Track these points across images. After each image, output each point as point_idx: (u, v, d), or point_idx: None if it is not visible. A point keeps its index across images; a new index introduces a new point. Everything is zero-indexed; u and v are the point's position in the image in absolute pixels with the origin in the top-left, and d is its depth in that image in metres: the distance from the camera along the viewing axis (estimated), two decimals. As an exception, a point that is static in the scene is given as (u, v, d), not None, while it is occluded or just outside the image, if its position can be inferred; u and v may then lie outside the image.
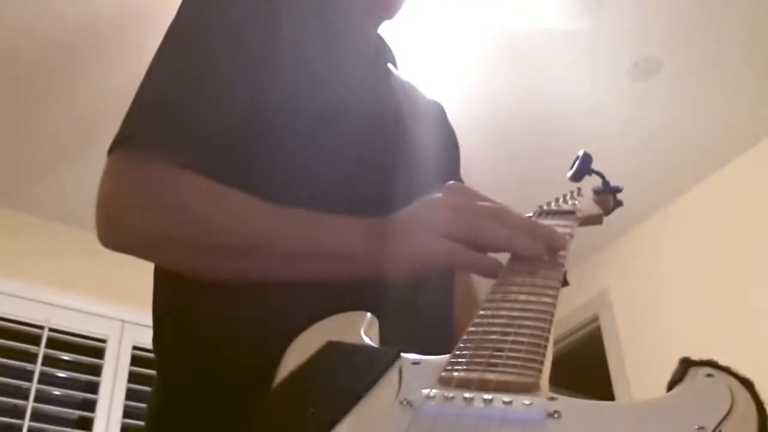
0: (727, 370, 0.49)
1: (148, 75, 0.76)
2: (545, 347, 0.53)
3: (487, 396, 0.47)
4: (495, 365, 0.50)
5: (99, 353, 3.03)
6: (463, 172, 1.03)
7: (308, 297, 0.65)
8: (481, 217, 0.65)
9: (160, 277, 0.77)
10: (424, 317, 0.78)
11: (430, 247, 0.64)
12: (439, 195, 0.68)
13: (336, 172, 0.77)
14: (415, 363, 0.53)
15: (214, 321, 0.71)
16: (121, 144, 0.71)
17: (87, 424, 2.90)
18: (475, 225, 0.65)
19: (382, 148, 0.82)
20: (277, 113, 0.76)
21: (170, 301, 0.76)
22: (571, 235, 0.73)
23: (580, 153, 0.97)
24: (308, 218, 0.67)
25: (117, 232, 0.70)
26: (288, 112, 0.77)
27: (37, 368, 2.85)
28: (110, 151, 0.71)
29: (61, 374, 2.96)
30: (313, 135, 0.77)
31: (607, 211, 0.94)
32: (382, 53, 0.97)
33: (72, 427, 2.92)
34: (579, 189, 0.93)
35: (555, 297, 0.60)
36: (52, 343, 2.94)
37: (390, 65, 0.97)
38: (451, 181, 0.71)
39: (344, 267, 0.66)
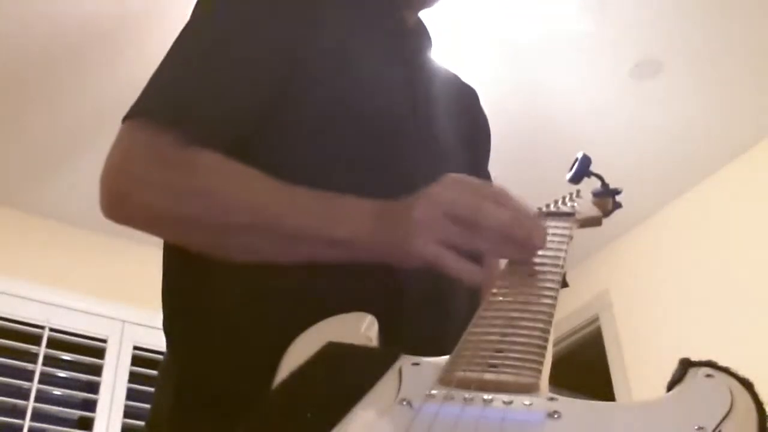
0: (726, 371, 0.49)
1: (173, 50, 0.75)
2: (545, 348, 0.53)
3: (487, 396, 0.47)
4: (495, 366, 0.50)
5: (99, 353, 3.03)
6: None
7: (332, 279, 0.65)
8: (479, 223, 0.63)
9: (171, 254, 0.77)
10: (449, 307, 0.77)
11: (418, 250, 0.63)
12: (438, 190, 0.66)
13: (353, 163, 0.76)
14: (415, 364, 0.53)
15: (231, 301, 0.71)
16: (137, 115, 0.70)
17: (87, 424, 2.90)
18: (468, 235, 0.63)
19: (404, 139, 0.82)
20: (298, 102, 0.76)
21: (183, 279, 0.75)
22: (571, 237, 0.73)
23: (579, 155, 0.97)
24: (319, 200, 0.67)
25: (125, 204, 0.68)
26: (310, 101, 0.76)
27: (38, 368, 2.85)
28: (125, 120, 0.70)
29: (62, 374, 2.95)
30: (333, 124, 0.77)
31: (606, 213, 0.94)
32: (418, 41, 0.96)
33: (72, 427, 2.92)
34: (578, 191, 0.93)
35: (554, 298, 0.60)
36: (52, 343, 2.94)
37: (426, 52, 0.97)
38: (451, 174, 0.69)
39: (348, 252, 0.65)
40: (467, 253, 0.63)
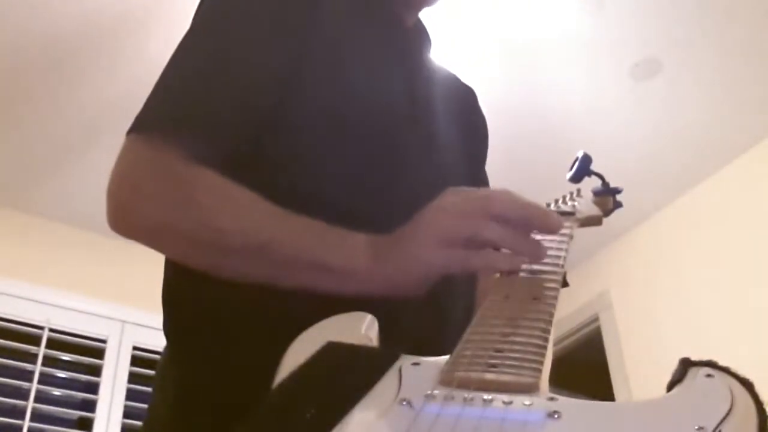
0: (726, 371, 0.49)
1: (175, 58, 0.75)
2: (545, 348, 0.53)
3: (487, 396, 0.47)
4: (495, 366, 0.50)
5: (99, 354, 3.03)
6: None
7: (325, 299, 0.65)
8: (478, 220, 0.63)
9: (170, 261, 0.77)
10: (448, 307, 0.77)
11: (426, 260, 0.63)
12: (436, 202, 0.66)
13: (352, 166, 0.76)
14: (415, 364, 0.53)
15: (229, 303, 0.71)
16: (140, 128, 0.71)
17: (87, 424, 2.89)
18: (473, 226, 0.63)
19: (402, 141, 0.82)
20: (297, 106, 0.76)
21: (182, 281, 0.75)
22: (571, 236, 0.73)
23: (580, 154, 0.97)
24: (315, 228, 0.67)
25: (127, 216, 0.70)
26: (309, 105, 0.76)
27: (37, 368, 2.85)
28: (129, 132, 0.71)
29: (61, 374, 2.95)
30: (332, 128, 0.76)
31: (607, 212, 0.94)
32: (417, 43, 0.96)
33: (72, 428, 2.92)
34: (578, 190, 0.93)
35: (555, 298, 0.60)
36: (52, 344, 2.94)
37: (425, 52, 0.96)
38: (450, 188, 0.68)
39: (343, 282, 0.65)
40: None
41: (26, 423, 2.73)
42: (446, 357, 0.53)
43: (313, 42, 0.78)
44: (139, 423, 2.84)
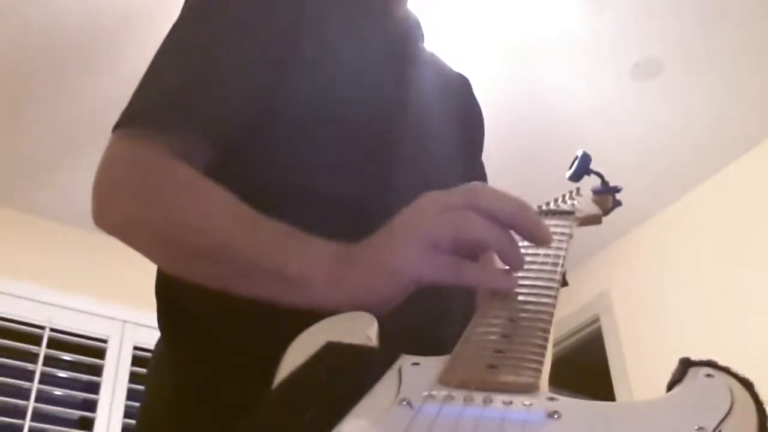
0: (726, 371, 0.49)
1: (160, 54, 0.75)
2: (545, 348, 0.53)
3: (486, 396, 0.47)
4: (495, 366, 0.50)
5: (100, 353, 3.03)
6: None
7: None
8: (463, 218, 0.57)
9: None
10: (447, 306, 0.76)
11: (401, 268, 0.58)
12: (414, 202, 0.61)
13: (345, 161, 0.76)
14: (415, 363, 0.53)
15: (224, 301, 0.70)
16: (123, 123, 0.71)
17: (88, 424, 2.90)
18: (459, 220, 0.57)
19: (396, 134, 0.81)
20: (288, 106, 0.75)
21: (174, 277, 0.75)
22: (571, 236, 0.73)
23: (579, 153, 0.97)
24: (279, 234, 0.63)
25: (102, 211, 0.70)
26: (302, 100, 0.75)
27: (38, 368, 2.85)
28: (114, 129, 0.71)
29: (62, 374, 2.96)
30: (326, 123, 0.76)
31: (606, 211, 0.94)
32: (408, 32, 0.94)
33: (73, 427, 2.92)
34: (578, 189, 0.93)
35: (554, 297, 0.59)
36: (53, 343, 2.94)
37: (417, 41, 0.95)
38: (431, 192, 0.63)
39: (300, 294, 0.60)
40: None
41: (27, 423, 2.73)
42: (446, 357, 0.53)
43: (302, 33, 0.77)
44: (139, 423, 2.84)
